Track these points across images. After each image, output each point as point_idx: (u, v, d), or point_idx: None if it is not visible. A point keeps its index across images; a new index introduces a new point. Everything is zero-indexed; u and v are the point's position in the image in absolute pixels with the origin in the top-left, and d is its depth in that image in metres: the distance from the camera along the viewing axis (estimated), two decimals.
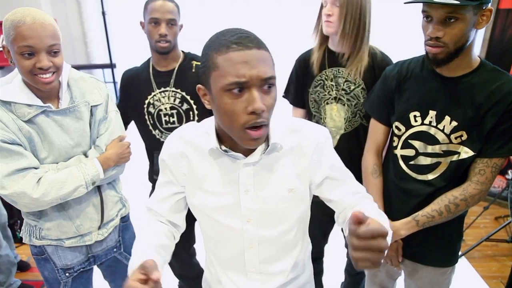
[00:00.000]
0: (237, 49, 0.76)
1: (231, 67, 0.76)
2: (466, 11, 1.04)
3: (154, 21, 1.52)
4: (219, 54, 0.77)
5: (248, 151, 0.90)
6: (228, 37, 0.77)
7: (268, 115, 0.81)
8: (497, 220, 2.97)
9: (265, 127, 0.81)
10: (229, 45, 0.76)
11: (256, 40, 0.78)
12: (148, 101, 1.65)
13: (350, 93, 1.55)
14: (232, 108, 0.78)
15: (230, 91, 0.77)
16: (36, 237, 1.33)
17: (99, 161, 1.31)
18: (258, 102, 0.76)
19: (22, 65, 1.14)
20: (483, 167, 1.18)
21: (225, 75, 0.76)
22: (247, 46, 0.76)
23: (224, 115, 0.80)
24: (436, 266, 1.33)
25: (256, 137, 0.80)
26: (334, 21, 1.45)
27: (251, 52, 0.76)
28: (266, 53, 0.79)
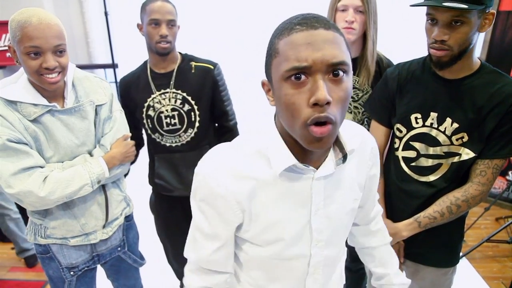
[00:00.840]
0: (300, 30, 0.64)
1: (292, 50, 0.64)
2: (471, 15, 1.05)
3: (155, 22, 1.51)
4: (281, 38, 0.66)
5: (316, 160, 0.76)
6: (292, 20, 0.67)
7: (337, 110, 0.65)
8: (498, 221, 2.97)
9: (333, 126, 0.66)
10: (292, 26, 0.65)
11: (326, 21, 0.66)
12: (147, 104, 1.65)
13: (358, 101, 1.55)
14: (293, 100, 0.65)
15: (291, 79, 0.64)
16: (41, 236, 1.34)
17: (104, 160, 1.32)
18: (322, 91, 0.62)
19: (28, 65, 1.15)
20: (484, 168, 1.19)
21: (285, 60, 0.64)
22: (313, 26, 0.64)
23: (284, 110, 0.67)
24: (438, 266, 1.33)
25: (320, 135, 0.65)
26: (357, 28, 1.43)
27: (316, 32, 0.63)
28: (337, 35, 0.65)
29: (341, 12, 1.45)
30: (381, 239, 1.05)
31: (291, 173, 0.75)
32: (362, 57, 1.51)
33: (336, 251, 0.88)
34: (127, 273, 1.63)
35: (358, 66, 1.53)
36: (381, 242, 1.05)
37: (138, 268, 1.66)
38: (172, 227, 1.84)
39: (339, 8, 1.45)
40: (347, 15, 1.42)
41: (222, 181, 0.75)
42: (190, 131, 1.67)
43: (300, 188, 0.77)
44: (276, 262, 0.83)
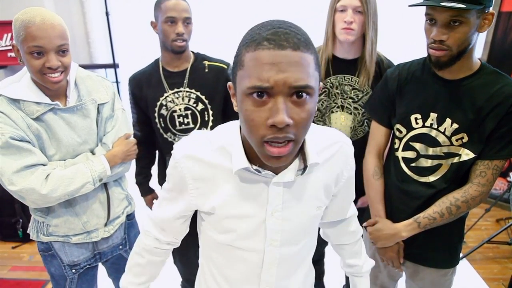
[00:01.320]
0: (267, 47, 0.62)
1: (256, 68, 0.63)
2: (470, 15, 1.05)
3: (171, 20, 1.49)
4: (248, 51, 0.65)
5: (278, 169, 0.78)
6: (263, 31, 0.64)
7: (298, 131, 0.66)
8: (498, 223, 2.97)
9: (293, 145, 0.67)
10: (260, 41, 0.63)
11: (296, 38, 0.63)
12: (160, 103, 1.62)
13: (358, 102, 1.54)
14: (252, 116, 0.65)
15: (252, 96, 0.64)
16: (44, 233, 1.35)
17: (106, 158, 1.32)
18: (281, 114, 0.62)
19: (32, 65, 1.16)
20: (484, 169, 1.19)
21: (249, 76, 0.64)
22: (281, 45, 0.62)
23: (244, 122, 0.68)
24: (437, 267, 1.33)
25: (276, 155, 0.66)
26: (356, 28, 1.42)
27: (283, 53, 0.62)
28: (306, 56, 0.64)
29: (340, 13, 1.44)
30: (354, 236, 1.09)
31: (248, 173, 0.78)
32: (362, 58, 1.51)
33: (295, 250, 0.90)
34: None
35: (358, 67, 1.53)
36: (354, 239, 1.09)
37: None
38: None
39: (338, 8, 1.45)
40: (346, 16, 1.42)
41: (187, 165, 0.82)
42: (203, 130, 1.66)
43: (257, 189, 0.81)
44: (230, 249, 0.88)
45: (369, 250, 1.50)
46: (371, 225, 1.37)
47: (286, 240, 0.87)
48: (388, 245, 1.33)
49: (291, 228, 0.86)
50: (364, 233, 1.50)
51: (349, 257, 1.10)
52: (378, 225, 1.34)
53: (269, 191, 0.80)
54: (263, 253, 0.87)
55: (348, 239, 1.08)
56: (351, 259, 1.10)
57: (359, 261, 1.10)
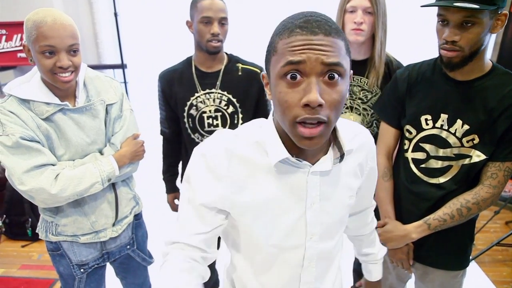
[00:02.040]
0: (299, 33, 0.65)
1: (289, 50, 0.65)
2: (483, 16, 1.04)
3: (206, 20, 1.46)
4: (281, 38, 0.67)
5: (313, 156, 0.78)
6: (294, 20, 0.67)
7: (330, 112, 0.67)
8: (508, 225, 2.94)
9: (324, 126, 0.67)
10: (293, 28, 0.66)
11: (327, 25, 0.66)
12: (190, 103, 1.60)
13: (367, 102, 1.54)
14: (286, 98, 0.66)
15: (286, 78, 0.66)
16: (52, 233, 1.36)
17: (115, 159, 1.33)
18: (314, 93, 0.64)
19: (43, 64, 1.17)
20: (495, 170, 1.18)
21: (283, 57, 0.66)
22: (313, 31, 0.64)
23: (277, 106, 0.69)
24: (447, 269, 1.33)
25: (308, 135, 0.67)
26: (365, 29, 1.42)
27: (315, 37, 0.64)
28: (337, 41, 0.66)
29: (350, 13, 1.44)
30: (371, 226, 1.13)
31: (286, 165, 0.78)
32: (372, 59, 1.51)
33: (332, 245, 0.89)
34: (136, 271, 1.64)
35: (367, 68, 1.52)
36: (371, 230, 1.13)
37: (147, 266, 1.67)
38: None
39: (348, 9, 1.44)
40: (356, 16, 1.42)
41: (220, 161, 0.78)
42: None
43: (295, 181, 0.79)
44: (271, 251, 0.85)
45: None
46: (381, 226, 1.36)
47: (325, 234, 0.86)
48: (398, 246, 1.32)
49: (329, 220, 0.85)
50: None
51: (366, 247, 1.15)
52: (388, 226, 1.33)
53: (308, 181, 0.79)
54: (304, 249, 0.85)
55: (366, 229, 1.12)
56: (367, 248, 1.15)
57: (374, 249, 1.15)
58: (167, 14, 3.23)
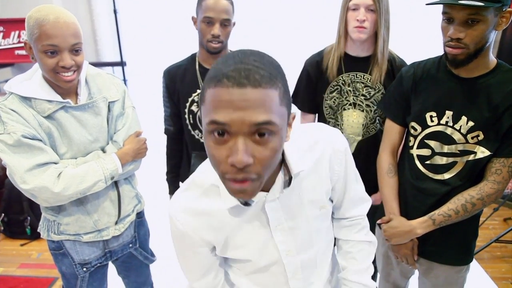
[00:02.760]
0: (225, 85, 0.59)
1: (214, 105, 0.61)
2: (487, 13, 1.04)
3: (208, 20, 1.47)
4: (209, 87, 0.62)
5: (266, 185, 0.78)
6: (224, 67, 0.61)
7: (261, 168, 0.64)
8: (506, 222, 2.96)
9: (254, 182, 0.65)
10: (220, 78, 0.60)
11: (258, 74, 0.60)
12: (192, 99, 1.60)
13: (370, 99, 1.54)
14: (213, 153, 0.64)
15: (214, 134, 0.63)
16: (55, 232, 1.35)
17: (117, 156, 1.32)
18: (239, 154, 0.60)
19: (45, 63, 1.15)
20: (499, 166, 1.19)
21: (208, 112, 0.62)
22: (240, 83, 0.59)
23: (208, 157, 0.67)
24: (452, 264, 1.33)
25: (239, 189, 0.65)
26: (368, 27, 1.43)
27: (242, 91, 0.59)
28: (268, 92, 0.60)
29: (353, 11, 1.44)
30: (353, 235, 1.02)
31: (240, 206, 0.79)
32: (374, 56, 1.51)
33: (313, 252, 0.92)
34: (138, 269, 1.63)
35: (370, 64, 1.53)
36: (351, 238, 1.02)
37: (149, 265, 1.67)
38: None
39: (350, 7, 1.45)
40: (358, 14, 1.42)
41: (184, 221, 0.83)
42: None
43: (255, 212, 0.82)
44: (256, 274, 0.92)
45: (382, 247, 1.50)
46: (385, 222, 1.36)
47: (301, 246, 0.89)
48: (402, 242, 1.32)
49: (302, 234, 0.88)
50: (377, 230, 1.50)
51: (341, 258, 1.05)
52: (393, 222, 1.33)
53: (266, 209, 0.81)
54: (283, 265, 0.90)
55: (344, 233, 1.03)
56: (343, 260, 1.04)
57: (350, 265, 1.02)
58: (167, 12, 3.21)
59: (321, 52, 1.61)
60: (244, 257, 0.88)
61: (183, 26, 1.63)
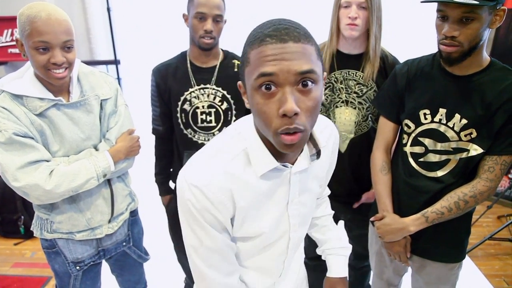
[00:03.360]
0: (269, 43, 0.66)
1: (260, 60, 0.66)
2: (482, 11, 1.05)
3: (200, 16, 1.45)
4: (252, 48, 0.68)
5: (293, 157, 0.82)
6: (264, 29, 0.68)
7: (306, 119, 0.69)
8: (500, 219, 2.98)
9: (302, 134, 0.69)
10: (263, 38, 0.67)
11: (296, 31, 0.67)
12: (184, 98, 1.58)
13: (362, 96, 1.54)
14: (264, 109, 0.68)
15: (261, 89, 0.67)
16: (47, 230, 1.34)
17: (110, 154, 1.32)
18: (289, 103, 0.65)
19: (36, 60, 1.14)
20: (492, 164, 1.19)
21: (255, 69, 0.67)
22: (282, 39, 0.66)
23: (257, 117, 0.71)
24: (444, 262, 1.34)
25: (290, 143, 0.69)
26: (360, 24, 1.42)
27: (285, 45, 0.65)
28: (307, 46, 0.67)
29: (345, 9, 1.44)
30: (323, 210, 1.17)
31: (271, 172, 0.80)
32: (367, 53, 1.51)
33: (304, 231, 1.00)
34: (132, 268, 1.63)
35: (362, 62, 1.53)
36: (323, 213, 1.17)
37: (143, 263, 1.66)
38: None
39: (342, 4, 1.45)
40: (350, 11, 1.42)
41: (207, 190, 0.76)
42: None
43: (279, 183, 0.84)
44: (259, 255, 0.92)
45: (376, 245, 1.50)
46: (379, 219, 1.37)
47: (301, 223, 0.93)
48: (395, 239, 1.33)
49: (305, 210, 0.92)
50: (371, 227, 1.50)
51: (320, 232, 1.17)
52: (386, 219, 1.34)
53: (290, 181, 0.84)
54: (288, 240, 0.92)
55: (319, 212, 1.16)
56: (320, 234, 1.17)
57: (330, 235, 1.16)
58: (160, 9, 3.20)
59: None
60: (260, 230, 0.85)
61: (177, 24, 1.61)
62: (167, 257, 2.05)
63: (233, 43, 1.78)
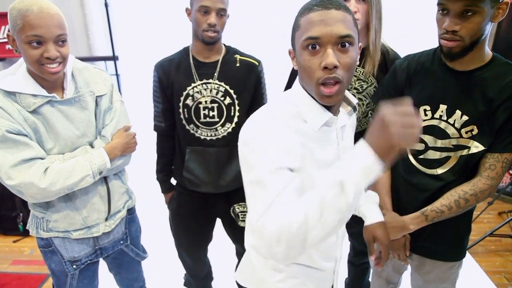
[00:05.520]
0: (316, 10, 0.82)
1: (309, 25, 0.82)
2: (484, 4, 1.02)
3: (204, 10, 1.45)
4: (302, 16, 0.85)
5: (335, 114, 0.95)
6: (312, 1, 0.85)
7: (344, 73, 0.83)
8: (501, 216, 2.97)
9: (340, 85, 0.83)
10: (311, 7, 0.83)
11: (338, 2, 0.84)
12: (186, 93, 1.58)
13: (362, 92, 1.52)
14: (309, 64, 0.83)
15: (308, 48, 0.83)
16: (43, 229, 1.33)
17: (106, 151, 1.30)
18: (330, 57, 0.80)
19: (29, 55, 1.12)
20: (493, 162, 1.17)
21: (304, 32, 0.83)
22: (326, 7, 0.82)
23: (303, 72, 0.86)
24: (444, 260, 1.32)
25: (328, 94, 0.83)
26: (360, 18, 1.41)
27: (329, 11, 0.81)
28: (346, 14, 0.83)
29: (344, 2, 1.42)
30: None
31: (324, 126, 0.93)
32: (367, 48, 1.49)
33: None
34: (130, 266, 1.62)
35: (363, 57, 1.51)
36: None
37: (140, 261, 1.65)
38: (192, 224, 1.78)
39: None
40: (349, 6, 1.40)
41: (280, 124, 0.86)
42: (228, 125, 1.61)
43: (330, 136, 0.96)
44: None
45: None
46: None
47: None
48: (395, 237, 1.31)
49: None
50: None
51: None
52: (385, 217, 1.30)
53: (337, 135, 0.98)
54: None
55: None
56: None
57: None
58: (159, 5, 3.18)
59: None
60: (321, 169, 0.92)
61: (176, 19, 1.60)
62: (165, 255, 2.04)
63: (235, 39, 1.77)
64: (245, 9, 3.08)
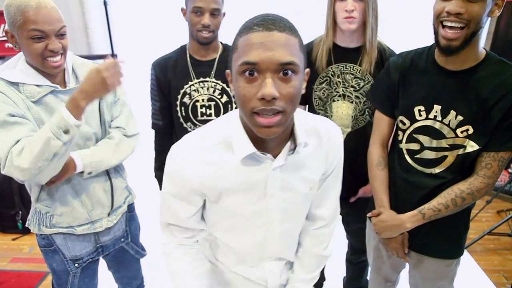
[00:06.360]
0: (256, 30, 0.72)
1: (246, 48, 0.72)
2: None
3: (197, 10, 1.46)
4: (241, 36, 0.75)
5: (276, 150, 0.86)
6: (253, 20, 0.75)
7: (286, 104, 0.74)
8: (499, 214, 2.97)
9: (281, 116, 0.74)
10: (251, 26, 0.73)
11: (282, 23, 0.73)
12: (184, 91, 1.59)
13: (359, 90, 1.53)
14: (244, 92, 0.74)
15: (244, 74, 0.73)
16: (46, 225, 1.32)
17: (68, 106, 1.12)
18: (268, 87, 0.71)
19: (33, 49, 1.13)
20: (490, 161, 1.17)
21: (241, 55, 0.73)
22: (268, 28, 0.71)
23: (238, 99, 0.77)
24: (442, 258, 1.33)
25: (266, 124, 0.74)
26: (357, 16, 1.41)
27: (270, 33, 0.71)
28: (291, 37, 0.73)
29: (340, 2, 1.42)
30: (311, 245, 1.09)
31: (251, 160, 0.85)
32: (364, 46, 1.50)
33: (293, 226, 1.02)
34: (129, 264, 1.62)
35: (360, 56, 1.51)
36: (307, 248, 1.10)
37: (139, 259, 1.66)
38: None
39: None
40: (346, 4, 1.40)
41: (188, 164, 0.87)
42: None
43: (259, 175, 0.88)
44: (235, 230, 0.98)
45: (373, 241, 1.49)
46: (375, 215, 1.36)
47: (285, 218, 0.97)
48: (392, 235, 1.32)
49: (289, 207, 0.95)
50: (368, 223, 1.49)
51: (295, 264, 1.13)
52: (383, 216, 1.32)
53: (268, 175, 0.88)
54: (266, 231, 0.97)
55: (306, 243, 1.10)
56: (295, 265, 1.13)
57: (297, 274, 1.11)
58: (158, 3, 3.18)
59: (310, 43, 1.59)
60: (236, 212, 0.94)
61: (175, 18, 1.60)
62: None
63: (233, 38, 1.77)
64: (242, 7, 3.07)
